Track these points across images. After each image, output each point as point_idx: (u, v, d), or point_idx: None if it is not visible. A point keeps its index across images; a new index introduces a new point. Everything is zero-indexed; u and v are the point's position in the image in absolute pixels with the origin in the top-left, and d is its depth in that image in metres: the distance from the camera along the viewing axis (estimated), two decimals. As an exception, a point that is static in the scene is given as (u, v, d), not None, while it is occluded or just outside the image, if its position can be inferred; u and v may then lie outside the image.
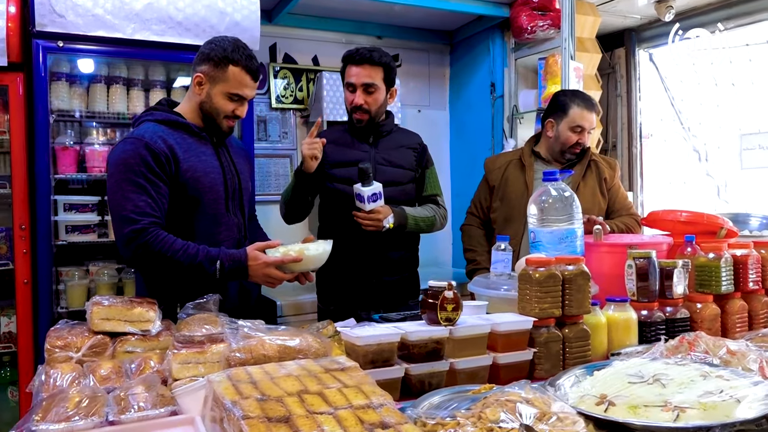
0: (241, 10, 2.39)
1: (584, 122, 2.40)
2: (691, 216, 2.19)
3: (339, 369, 1.16)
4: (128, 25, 2.21)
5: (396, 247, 2.33)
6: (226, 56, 1.78)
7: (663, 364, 1.24)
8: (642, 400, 1.05)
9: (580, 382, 1.22)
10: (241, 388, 1.04)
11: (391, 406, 0.99)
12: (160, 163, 1.71)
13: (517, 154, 2.54)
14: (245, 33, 2.41)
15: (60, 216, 2.39)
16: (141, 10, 2.23)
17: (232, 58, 1.78)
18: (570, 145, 2.41)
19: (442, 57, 4.22)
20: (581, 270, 1.53)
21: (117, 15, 2.20)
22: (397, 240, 2.32)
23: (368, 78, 2.23)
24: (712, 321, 1.76)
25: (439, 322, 1.36)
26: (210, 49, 1.80)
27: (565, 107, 2.42)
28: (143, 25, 2.23)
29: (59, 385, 1.27)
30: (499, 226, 2.44)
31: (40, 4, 2.10)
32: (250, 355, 1.22)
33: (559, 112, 2.44)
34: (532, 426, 0.92)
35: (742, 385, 1.09)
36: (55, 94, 2.35)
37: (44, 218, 2.23)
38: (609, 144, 5.29)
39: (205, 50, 1.81)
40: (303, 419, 0.93)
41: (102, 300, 1.50)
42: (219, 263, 1.70)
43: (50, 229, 2.26)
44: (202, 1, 2.33)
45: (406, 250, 2.39)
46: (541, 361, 1.45)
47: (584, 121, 2.39)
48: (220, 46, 1.79)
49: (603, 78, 5.13)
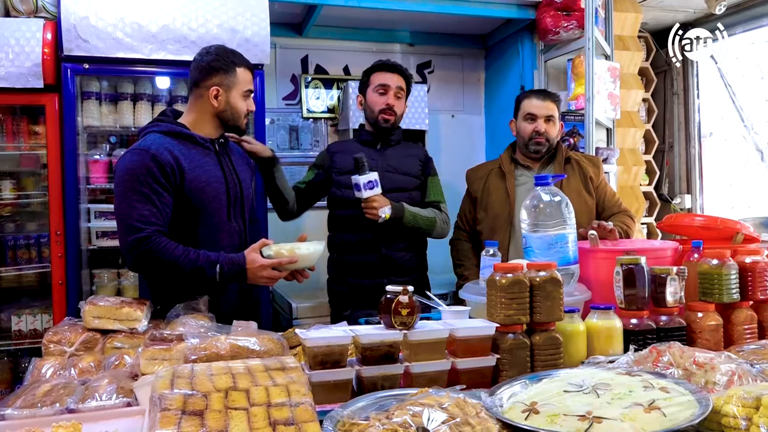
0: (251, 27, 2.52)
1: (533, 109, 2.40)
2: (706, 221, 2.07)
3: (279, 369, 1.21)
4: (146, 46, 2.39)
5: (404, 249, 2.38)
6: (232, 61, 1.93)
7: (614, 374, 1.20)
8: (566, 410, 1.03)
9: (526, 389, 1.20)
10: (177, 382, 1.11)
11: (308, 406, 1.03)
12: (166, 174, 1.80)
13: (497, 163, 2.51)
14: (256, 48, 2.53)
15: (92, 223, 2.61)
16: (157, 32, 2.41)
17: (234, 61, 1.94)
18: (528, 136, 2.40)
19: (476, 61, 4.19)
20: (551, 276, 1.49)
21: (135, 38, 2.39)
22: (404, 243, 2.37)
23: (399, 83, 2.38)
24: (712, 332, 1.66)
25: (393, 326, 1.38)
26: (211, 60, 1.91)
27: (519, 103, 2.46)
28: (160, 46, 2.41)
29: (43, 375, 1.40)
30: (485, 237, 2.42)
31: (67, 31, 2.32)
32: (204, 354, 1.30)
33: (516, 111, 2.48)
34: (430, 430, 0.93)
35: (678, 400, 1.04)
36: (86, 112, 2.58)
37: (72, 225, 2.45)
38: (666, 145, 5.03)
39: (211, 64, 1.91)
40: (215, 414, 0.99)
41: (96, 300, 1.64)
42: (219, 267, 1.78)
43: (78, 234, 2.48)
44: (214, 21, 2.48)
45: (414, 252, 2.43)
46: (505, 367, 1.43)
47: (532, 107, 2.40)
48: (220, 56, 1.93)
49: (658, 76, 4.90)
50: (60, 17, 2.36)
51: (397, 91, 2.37)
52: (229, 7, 2.51)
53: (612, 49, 3.57)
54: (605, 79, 3.35)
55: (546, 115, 2.38)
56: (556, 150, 2.45)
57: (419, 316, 1.41)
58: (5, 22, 2.43)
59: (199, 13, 2.46)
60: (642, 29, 4.60)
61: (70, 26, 2.32)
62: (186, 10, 2.45)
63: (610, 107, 3.41)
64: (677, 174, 4.96)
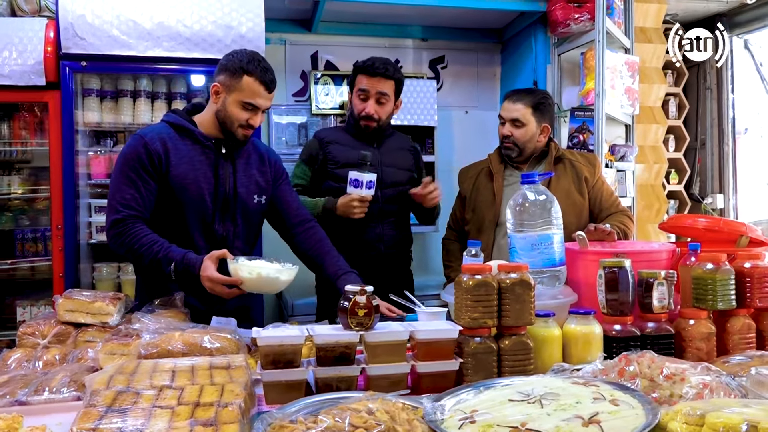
0: (246, 23, 2.52)
1: (502, 111, 2.35)
2: (710, 222, 1.95)
3: (223, 368, 1.20)
4: (141, 43, 2.42)
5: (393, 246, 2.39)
6: (242, 67, 1.85)
7: (569, 383, 1.13)
8: (502, 420, 0.97)
9: (475, 397, 1.15)
10: (117, 379, 1.11)
11: (236, 407, 1.01)
12: (152, 161, 1.83)
13: (487, 162, 2.43)
14: (250, 44, 2.53)
15: (93, 217, 2.67)
16: (152, 29, 2.44)
17: (246, 68, 1.85)
18: (501, 138, 2.35)
19: (492, 56, 4.10)
20: (521, 279, 1.42)
21: (131, 35, 2.42)
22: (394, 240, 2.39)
23: (381, 89, 2.30)
24: (703, 340, 1.56)
25: (350, 326, 1.34)
26: (227, 60, 1.88)
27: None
28: (155, 43, 2.43)
29: (9, 366, 1.42)
30: (472, 237, 2.35)
31: (65, 29, 2.37)
32: (156, 350, 1.29)
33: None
34: (345, 436, 0.89)
35: (625, 414, 0.97)
36: (87, 108, 2.63)
37: (69, 219, 2.51)
38: (698, 142, 4.82)
39: (223, 61, 1.89)
40: (138, 411, 0.98)
41: (72, 294, 1.66)
42: (174, 265, 1.73)
43: (76, 228, 2.53)
44: (209, 17, 2.49)
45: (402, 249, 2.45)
46: (470, 372, 1.37)
47: (502, 110, 2.35)
48: (236, 58, 1.87)
49: (690, 70, 4.69)
50: (58, 16, 2.41)
51: (379, 96, 2.29)
52: (224, 3, 2.52)
53: (632, 41, 3.43)
54: (622, 73, 3.22)
55: (512, 119, 2.29)
56: (547, 149, 2.36)
57: (378, 317, 1.37)
58: (10, 21, 2.51)
59: (194, 10, 2.47)
60: (672, 20, 4.41)
61: (67, 24, 2.37)
62: (181, 7, 2.47)
63: (627, 102, 3.27)
64: (709, 172, 4.74)
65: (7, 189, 2.78)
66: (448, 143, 3.93)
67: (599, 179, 2.37)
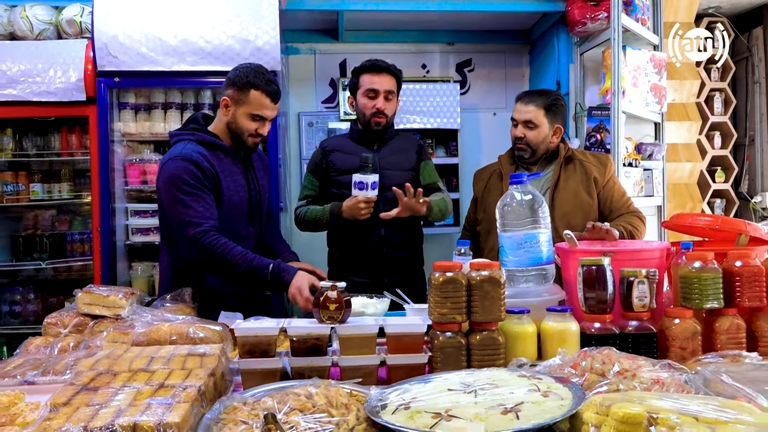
0: (262, 36, 2.67)
1: (514, 113, 2.34)
2: (710, 221, 1.91)
3: (198, 355, 1.32)
4: (167, 59, 2.62)
5: (403, 248, 2.43)
6: (248, 81, 1.97)
7: (515, 376, 1.18)
8: (430, 407, 1.03)
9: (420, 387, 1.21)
10: (101, 362, 1.25)
11: (195, 389, 1.12)
12: (207, 178, 1.94)
13: (498, 164, 2.45)
14: (267, 56, 2.68)
15: (130, 221, 2.90)
16: (176, 45, 2.64)
17: (253, 83, 1.97)
18: (513, 139, 2.36)
19: (520, 57, 4.09)
20: (491, 276, 1.46)
21: (158, 52, 2.62)
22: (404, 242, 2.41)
23: (387, 86, 2.40)
24: (687, 340, 1.54)
25: (322, 320, 1.43)
26: (234, 75, 2.00)
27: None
28: (179, 58, 2.63)
29: (30, 351, 1.60)
30: (482, 238, 2.37)
31: (99, 49, 2.62)
32: (145, 339, 1.43)
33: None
34: (278, 414, 0.99)
35: (550, 405, 1.01)
36: (123, 121, 2.88)
37: (105, 222, 2.75)
38: (746, 138, 4.59)
39: (231, 76, 2.01)
40: (106, 390, 1.11)
41: (92, 288, 1.83)
42: (271, 267, 1.82)
43: (110, 230, 2.77)
44: (227, 32, 2.66)
45: (412, 251, 2.48)
46: (438, 365, 1.43)
47: (515, 112, 2.34)
48: (243, 73, 1.99)
49: (737, 64, 4.49)
50: (93, 37, 2.65)
51: (387, 93, 2.39)
52: (242, 18, 2.68)
53: (661, 37, 3.34)
54: (647, 71, 3.15)
55: (525, 120, 2.29)
56: (558, 150, 2.36)
57: (349, 311, 1.45)
58: (56, 43, 2.79)
59: (214, 26, 2.66)
60: (717, 13, 4.24)
61: (102, 44, 2.61)
62: (202, 24, 2.66)
63: (653, 100, 3.19)
64: (758, 170, 4.51)
65: (58, 195, 3.08)
66: (476, 145, 3.95)
67: (610, 179, 2.35)
